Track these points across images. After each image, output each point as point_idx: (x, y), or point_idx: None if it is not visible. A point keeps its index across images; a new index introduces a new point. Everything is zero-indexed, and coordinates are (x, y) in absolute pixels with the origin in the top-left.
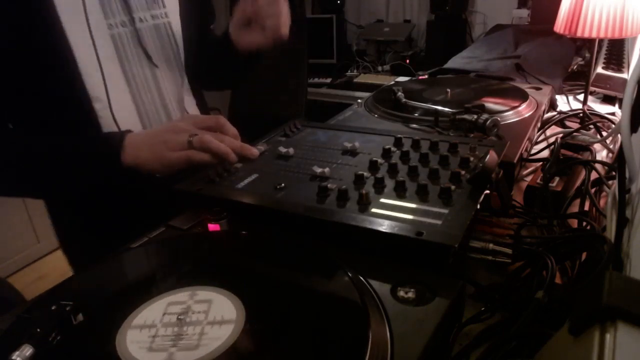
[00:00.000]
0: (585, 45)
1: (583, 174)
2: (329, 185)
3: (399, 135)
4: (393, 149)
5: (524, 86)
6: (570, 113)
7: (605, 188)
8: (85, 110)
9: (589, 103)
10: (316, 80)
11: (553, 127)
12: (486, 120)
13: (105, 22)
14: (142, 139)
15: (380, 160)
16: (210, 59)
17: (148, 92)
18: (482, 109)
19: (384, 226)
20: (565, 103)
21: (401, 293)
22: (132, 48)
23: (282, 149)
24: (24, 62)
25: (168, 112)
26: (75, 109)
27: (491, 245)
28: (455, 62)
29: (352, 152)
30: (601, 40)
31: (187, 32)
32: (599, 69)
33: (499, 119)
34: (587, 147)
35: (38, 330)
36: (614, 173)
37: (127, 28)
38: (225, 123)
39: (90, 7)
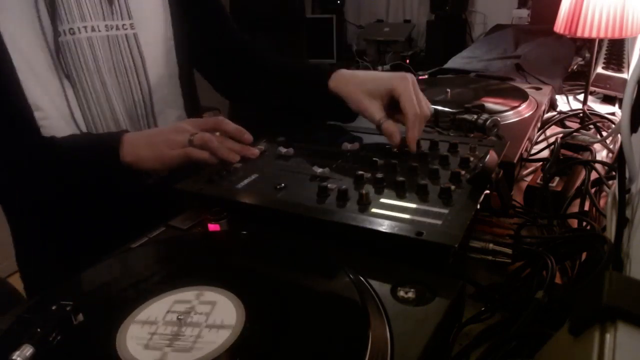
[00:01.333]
0: (585, 45)
1: (583, 174)
2: (329, 185)
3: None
4: (393, 148)
5: (524, 86)
6: (570, 113)
7: (605, 188)
8: (24, 119)
9: (589, 103)
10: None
11: (553, 127)
12: (486, 120)
13: (52, 28)
14: (142, 138)
15: (380, 160)
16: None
17: (97, 104)
18: (482, 109)
19: (384, 226)
20: (565, 103)
21: (401, 293)
22: (80, 57)
23: (282, 149)
24: None
25: (118, 125)
26: (14, 117)
27: (491, 245)
28: (455, 62)
29: (352, 152)
30: (601, 40)
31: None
32: (599, 69)
33: (499, 119)
34: (587, 147)
35: (38, 330)
36: (614, 173)
37: (76, 36)
38: (226, 122)
39: (34, 11)
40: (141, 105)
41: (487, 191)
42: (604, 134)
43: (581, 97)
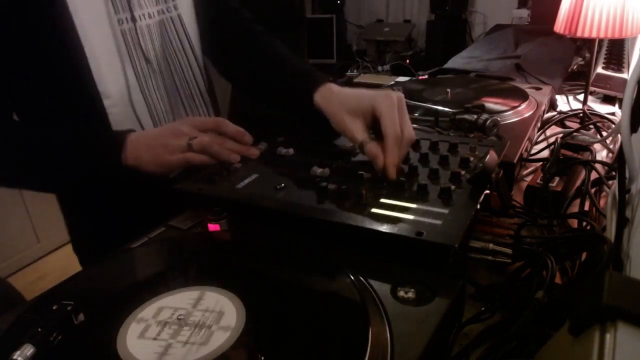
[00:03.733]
0: (585, 45)
1: (583, 174)
2: (329, 185)
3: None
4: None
5: (524, 86)
6: (570, 113)
7: (605, 188)
8: (93, 107)
9: (589, 103)
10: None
11: (553, 127)
12: (486, 120)
13: (115, 17)
14: (142, 140)
15: None
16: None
17: (157, 90)
18: (482, 109)
19: (384, 226)
20: (565, 103)
21: (401, 293)
22: (140, 45)
23: (282, 149)
24: (31, 52)
25: (172, 109)
26: (84, 105)
27: (491, 245)
28: (455, 62)
29: (352, 152)
30: (601, 40)
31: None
32: (599, 69)
33: (499, 119)
34: (587, 147)
35: (39, 329)
36: (614, 173)
37: (137, 23)
38: (225, 123)
39: (102, 1)
40: (194, 88)
41: (487, 191)
42: (604, 134)
43: (581, 97)
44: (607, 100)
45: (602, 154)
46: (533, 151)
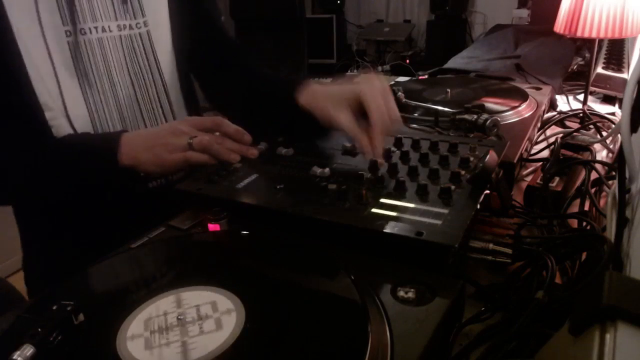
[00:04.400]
0: (585, 45)
1: (583, 174)
2: (329, 185)
3: (399, 135)
4: (393, 149)
5: (524, 86)
6: (570, 113)
7: (605, 188)
8: (35, 118)
9: (589, 103)
10: (316, 80)
11: (553, 127)
12: (486, 120)
13: (63, 29)
14: (139, 140)
15: (380, 160)
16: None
17: (106, 105)
18: (482, 109)
19: (384, 226)
20: (565, 103)
21: (401, 293)
22: (90, 58)
23: (282, 149)
24: None
25: (125, 125)
26: (25, 116)
27: (491, 245)
28: (455, 62)
29: (352, 152)
30: (601, 40)
31: (184, 19)
32: (599, 69)
33: (499, 119)
34: (587, 147)
35: (39, 330)
36: (614, 173)
37: (86, 36)
38: (224, 123)
39: (44, 10)
40: (157, 103)
41: (487, 191)
42: (604, 134)
43: (581, 97)
44: (607, 100)
45: (602, 154)
46: (533, 151)
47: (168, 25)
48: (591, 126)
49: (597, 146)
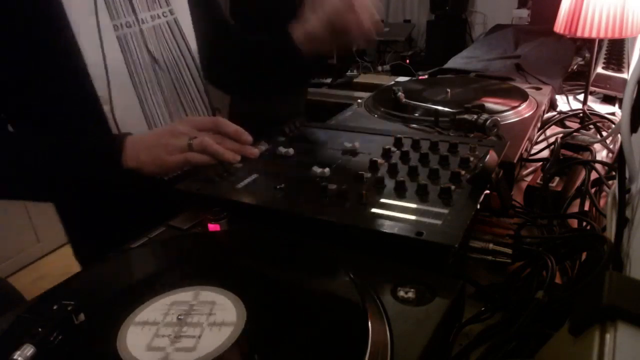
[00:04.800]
0: (585, 45)
1: (583, 174)
2: (329, 185)
3: (399, 135)
4: (393, 149)
5: (524, 86)
6: (570, 113)
7: (605, 188)
8: (93, 112)
9: (589, 103)
10: (316, 80)
11: (553, 127)
12: (486, 120)
13: (111, 23)
14: (142, 142)
15: (380, 160)
16: (236, 58)
17: (154, 94)
18: (482, 109)
19: (384, 226)
20: (565, 103)
21: (401, 293)
22: (137, 50)
23: (282, 149)
24: (29, 60)
25: (172, 115)
26: (83, 111)
27: (491, 245)
28: (455, 62)
29: (352, 152)
30: (601, 40)
31: (200, 27)
32: (599, 69)
33: (499, 119)
34: (587, 147)
35: (39, 329)
36: (614, 173)
37: (132, 29)
38: (224, 123)
39: (99, 7)
40: (193, 88)
41: (487, 191)
42: (604, 134)
43: (581, 97)
44: (607, 100)
45: (602, 154)
46: (533, 151)
47: (188, 12)
48: (591, 126)
49: (597, 146)
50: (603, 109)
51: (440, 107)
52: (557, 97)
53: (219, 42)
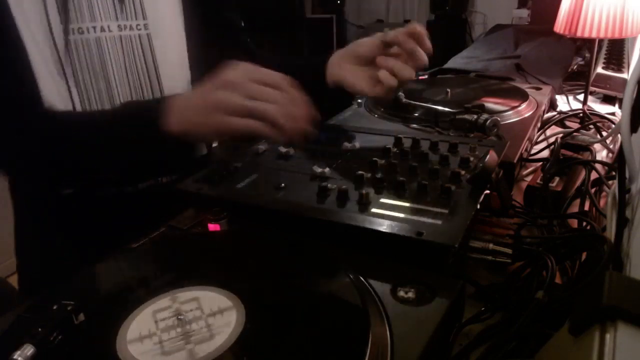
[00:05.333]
0: (585, 45)
1: (583, 174)
2: (329, 185)
3: (399, 135)
4: (393, 148)
5: (524, 86)
6: (570, 113)
7: (605, 188)
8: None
9: (589, 103)
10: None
11: (553, 127)
12: (486, 120)
13: (61, 27)
14: (189, 100)
15: (380, 160)
16: None
17: (100, 104)
18: (482, 109)
19: (384, 226)
20: (565, 103)
21: (401, 293)
22: (87, 57)
23: (282, 149)
24: None
25: None
26: (27, 115)
27: (491, 245)
28: (455, 62)
29: (352, 152)
30: (601, 40)
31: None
32: (599, 69)
33: (499, 119)
34: (587, 147)
35: (39, 329)
36: (614, 173)
37: (84, 36)
38: (288, 85)
39: (50, 9)
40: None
41: (487, 191)
42: (604, 134)
43: (581, 97)
44: (607, 100)
45: (602, 154)
46: (533, 151)
47: (177, 30)
48: (591, 126)
49: (597, 146)
50: (603, 109)
51: (440, 107)
52: (557, 97)
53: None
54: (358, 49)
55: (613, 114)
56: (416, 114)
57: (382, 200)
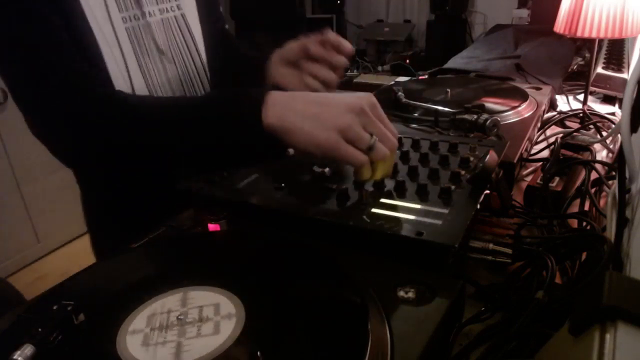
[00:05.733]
0: (585, 45)
1: (583, 174)
2: (329, 185)
3: (399, 135)
4: None
5: (524, 86)
6: (570, 113)
7: (605, 188)
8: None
9: (589, 103)
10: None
11: (553, 127)
12: (486, 120)
13: (120, 16)
14: (295, 102)
15: None
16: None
17: (162, 86)
18: (482, 109)
19: (384, 226)
20: (565, 103)
21: (401, 293)
22: (145, 42)
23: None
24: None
25: None
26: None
27: (491, 245)
28: (455, 62)
29: None
30: (601, 40)
31: (204, 26)
32: (599, 69)
33: (499, 119)
34: (587, 147)
35: (39, 329)
36: (614, 173)
37: (140, 21)
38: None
39: (109, 0)
40: (198, 83)
41: (487, 191)
42: (604, 134)
43: (581, 97)
44: (607, 100)
45: (602, 154)
46: (533, 151)
47: (195, 7)
48: (591, 126)
49: (597, 146)
50: (603, 109)
51: (440, 107)
52: (557, 97)
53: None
54: (285, 53)
55: (613, 114)
56: (416, 114)
57: (382, 200)
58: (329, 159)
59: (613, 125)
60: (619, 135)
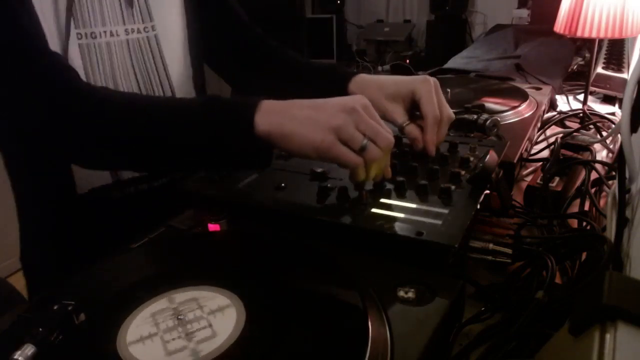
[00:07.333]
0: (585, 45)
1: (583, 174)
2: (329, 185)
3: (399, 136)
4: (393, 148)
5: (524, 86)
6: (570, 113)
7: (605, 188)
8: None
9: (589, 103)
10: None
11: (553, 127)
12: (486, 120)
13: (74, 32)
14: (287, 108)
15: None
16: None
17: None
18: (482, 109)
19: (384, 226)
20: (565, 103)
21: (401, 293)
22: (99, 62)
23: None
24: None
25: None
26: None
27: (491, 245)
28: (455, 62)
29: None
30: (601, 40)
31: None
32: (599, 69)
33: (499, 119)
34: (587, 147)
35: (40, 329)
36: (614, 173)
37: (96, 40)
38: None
39: (60, 13)
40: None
41: (487, 191)
42: (604, 134)
43: (581, 97)
44: (607, 100)
45: (602, 154)
46: (533, 151)
47: (180, 28)
48: (591, 126)
49: (597, 146)
50: (603, 109)
51: None
52: (557, 97)
53: (223, 29)
54: (389, 85)
55: (613, 114)
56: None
57: (382, 200)
58: (326, 161)
59: (613, 125)
60: (619, 135)
